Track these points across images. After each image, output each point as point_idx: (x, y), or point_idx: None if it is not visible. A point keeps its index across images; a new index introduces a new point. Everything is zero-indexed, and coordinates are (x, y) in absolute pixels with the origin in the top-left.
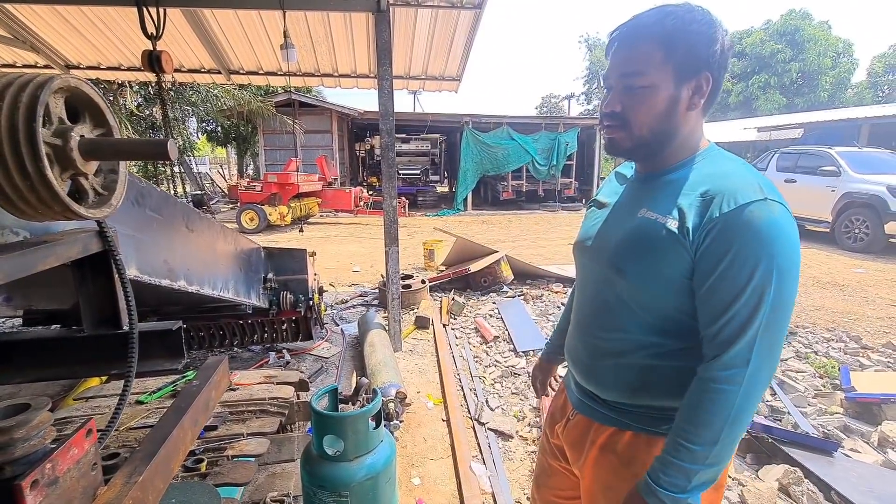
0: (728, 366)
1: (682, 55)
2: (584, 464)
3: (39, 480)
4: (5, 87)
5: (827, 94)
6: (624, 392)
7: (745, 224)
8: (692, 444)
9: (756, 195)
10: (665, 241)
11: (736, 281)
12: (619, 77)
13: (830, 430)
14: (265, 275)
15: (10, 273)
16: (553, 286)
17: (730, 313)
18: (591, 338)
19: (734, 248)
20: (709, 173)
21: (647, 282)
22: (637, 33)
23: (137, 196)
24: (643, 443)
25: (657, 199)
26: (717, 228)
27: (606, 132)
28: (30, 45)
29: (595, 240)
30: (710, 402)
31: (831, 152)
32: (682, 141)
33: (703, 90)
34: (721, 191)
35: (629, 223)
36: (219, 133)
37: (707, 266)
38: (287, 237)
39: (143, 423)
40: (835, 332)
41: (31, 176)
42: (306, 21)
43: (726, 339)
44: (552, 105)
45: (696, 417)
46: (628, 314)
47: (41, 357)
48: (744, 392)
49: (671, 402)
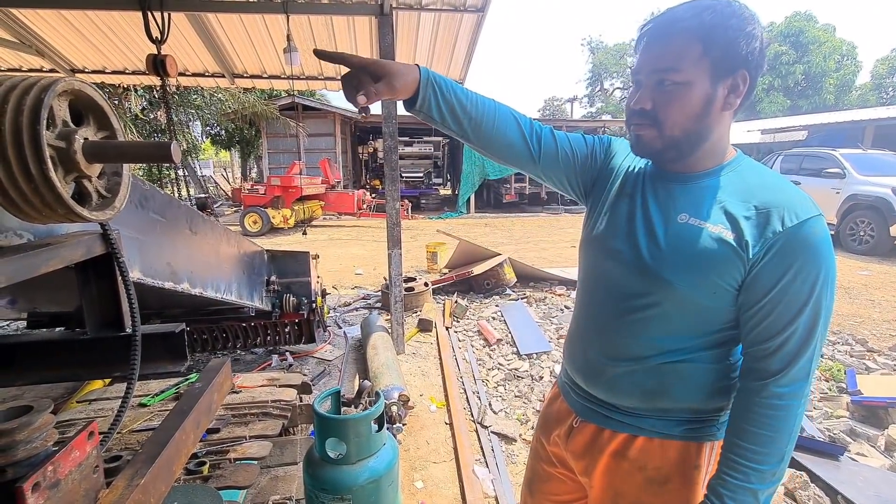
0: (794, 380)
1: (721, 51)
2: (593, 472)
3: (41, 483)
4: (10, 90)
5: (831, 97)
6: (639, 397)
7: (807, 239)
8: (762, 466)
9: (813, 210)
10: (720, 252)
11: (799, 296)
12: (650, 72)
13: (836, 433)
14: (268, 277)
15: (14, 275)
16: (556, 289)
17: (792, 328)
18: (607, 342)
19: (797, 264)
20: (756, 184)
21: (695, 291)
22: (672, 27)
23: (141, 199)
24: (656, 447)
25: (700, 205)
26: (780, 243)
27: (635, 129)
28: (35, 49)
29: (620, 240)
30: (778, 419)
31: (836, 154)
32: (713, 143)
33: (740, 89)
34: (780, 204)
35: (668, 228)
36: (222, 136)
37: (768, 280)
38: (290, 240)
39: (146, 425)
40: (840, 335)
41: (35, 178)
42: (310, 25)
43: (790, 353)
44: (555, 108)
45: (765, 438)
46: (660, 320)
47: (44, 359)
48: (804, 403)
49: (687, 404)
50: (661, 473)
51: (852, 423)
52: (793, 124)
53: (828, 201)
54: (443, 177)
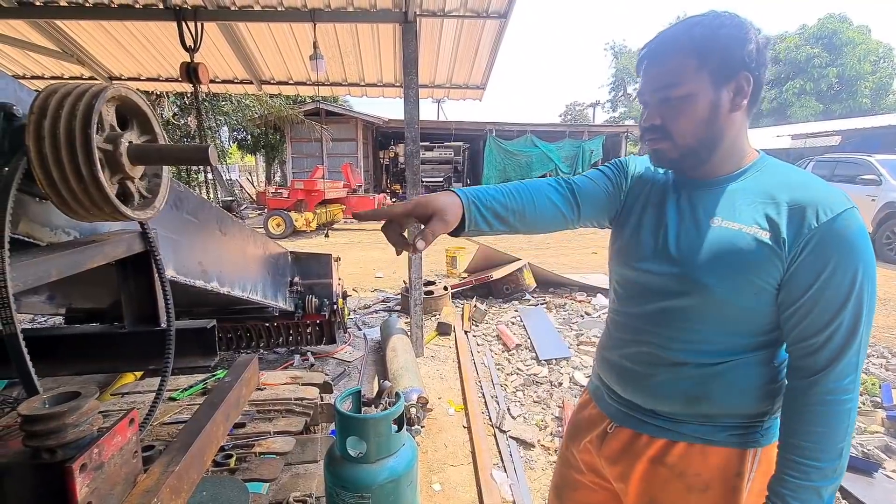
0: (843, 375)
1: (717, 60)
2: (630, 478)
3: (88, 464)
4: (64, 97)
5: (867, 101)
6: (680, 402)
7: (843, 232)
8: (820, 462)
9: (847, 203)
10: (758, 252)
11: (840, 289)
12: (653, 91)
13: (870, 449)
14: (291, 278)
15: (64, 270)
16: (576, 295)
17: (836, 322)
18: (646, 349)
19: (836, 258)
20: (783, 182)
21: (736, 294)
22: (666, 48)
23: (176, 200)
24: (697, 453)
25: (731, 208)
26: (816, 238)
27: (650, 144)
28: (76, 58)
29: (653, 249)
30: (831, 414)
31: (871, 160)
32: (730, 144)
33: (745, 90)
34: (813, 200)
35: (704, 233)
36: (249, 141)
37: (807, 277)
38: (312, 242)
39: (176, 418)
40: (875, 348)
41: (86, 179)
42: (335, 32)
43: (837, 347)
44: (577, 113)
45: (819, 434)
46: (702, 325)
47: (84, 351)
48: (854, 398)
49: (730, 409)
50: (701, 480)
51: (888, 440)
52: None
53: (863, 209)
54: (463, 181)
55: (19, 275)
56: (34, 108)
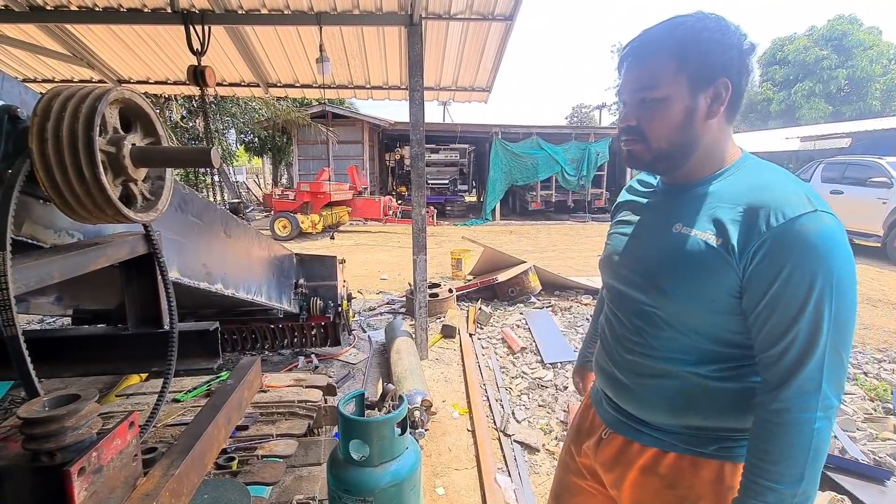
0: (801, 391)
1: (696, 64)
2: (622, 486)
3: (86, 468)
4: (67, 99)
5: (878, 103)
6: (668, 413)
7: (797, 238)
8: (778, 485)
9: (805, 207)
10: (708, 258)
11: (794, 299)
12: (631, 92)
13: (882, 457)
14: (296, 280)
15: (67, 271)
16: (582, 298)
17: (791, 334)
18: (629, 357)
19: (789, 265)
20: (748, 185)
21: (692, 302)
22: (647, 48)
23: (181, 202)
24: (688, 464)
25: (691, 213)
26: (767, 245)
27: (625, 145)
28: (86, 61)
29: (625, 257)
30: (789, 433)
31: (882, 162)
32: (706, 150)
33: (723, 97)
34: (766, 204)
35: (664, 239)
36: (255, 143)
37: (760, 285)
38: (318, 244)
39: (179, 420)
40: (887, 353)
41: (88, 181)
42: (341, 35)
43: (793, 361)
44: (583, 115)
45: (776, 453)
46: (672, 335)
47: (89, 353)
48: (820, 417)
49: (722, 423)
50: (693, 493)
51: None
52: (835, 131)
53: (873, 212)
54: (468, 184)
55: (22, 276)
56: (37, 110)
